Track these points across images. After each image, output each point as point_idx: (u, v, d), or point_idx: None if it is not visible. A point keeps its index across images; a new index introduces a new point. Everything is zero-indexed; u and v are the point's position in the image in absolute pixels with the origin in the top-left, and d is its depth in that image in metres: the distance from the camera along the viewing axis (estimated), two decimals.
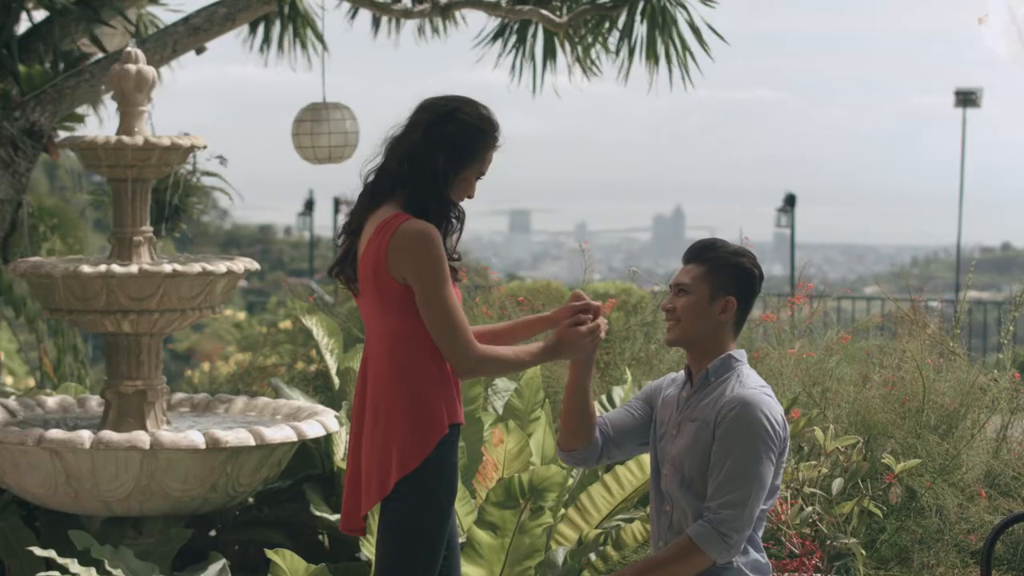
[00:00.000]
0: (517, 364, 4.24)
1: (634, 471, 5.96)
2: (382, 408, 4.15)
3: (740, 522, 3.97)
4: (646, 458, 5.98)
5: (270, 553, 5.38)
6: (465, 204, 4.32)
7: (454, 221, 4.26)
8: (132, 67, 6.14)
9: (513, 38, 9.43)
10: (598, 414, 4.40)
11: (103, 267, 5.92)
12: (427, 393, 4.12)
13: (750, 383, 4.12)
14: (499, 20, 9.32)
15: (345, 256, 4.30)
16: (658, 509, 4.24)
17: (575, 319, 4.26)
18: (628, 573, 4.08)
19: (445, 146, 4.16)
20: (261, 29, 9.94)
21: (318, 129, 9.17)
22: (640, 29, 9.07)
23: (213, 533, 6.39)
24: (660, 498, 4.23)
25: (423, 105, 4.25)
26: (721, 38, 9.01)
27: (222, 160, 7.80)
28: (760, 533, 4.14)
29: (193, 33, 7.97)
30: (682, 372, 4.28)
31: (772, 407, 4.07)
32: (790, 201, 24.40)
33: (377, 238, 4.13)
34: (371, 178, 4.26)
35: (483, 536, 5.49)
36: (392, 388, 4.13)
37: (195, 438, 5.69)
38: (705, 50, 9.02)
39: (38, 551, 5.09)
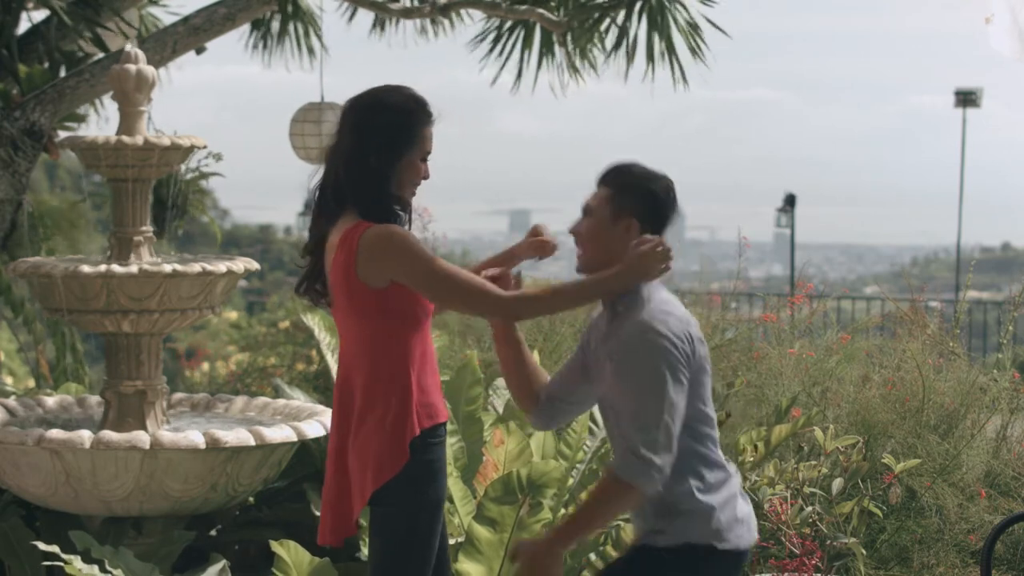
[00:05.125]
0: (569, 300, 4.09)
1: None
2: (364, 415, 4.14)
3: (658, 446, 3.83)
4: None
5: (275, 545, 5.38)
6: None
7: (402, 214, 4.21)
8: (132, 67, 6.14)
9: (511, 37, 9.43)
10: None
11: (103, 267, 5.92)
12: (403, 398, 4.11)
13: (651, 306, 3.99)
14: (498, 19, 9.32)
15: (310, 274, 4.27)
16: None
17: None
18: (562, 525, 3.96)
19: (378, 139, 4.12)
20: (261, 29, 9.95)
21: (315, 130, 9.17)
22: (638, 28, 9.07)
23: (213, 533, 6.39)
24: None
25: (347, 107, 4.22)
26: (722, 31, 9.00)
27: (218, 157, 7.81)
28: (714, 449, 4.01)
29: (193, 33, 7.97)
30: None
31: (669, 324, 3.94)
32: (790, 201, 24.42)
33: (343, 250, 4.11)
34: (317, 194, 4.23)
35: (482, 532, 5.49)
36: (372, 395, 4.12)
37: (195, 438, 5.69)
38: (702, 49, 9.01)
39: (42, 546, 5.09)
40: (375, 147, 4.12)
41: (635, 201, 4.10)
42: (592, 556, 5.75)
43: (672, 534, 3.98)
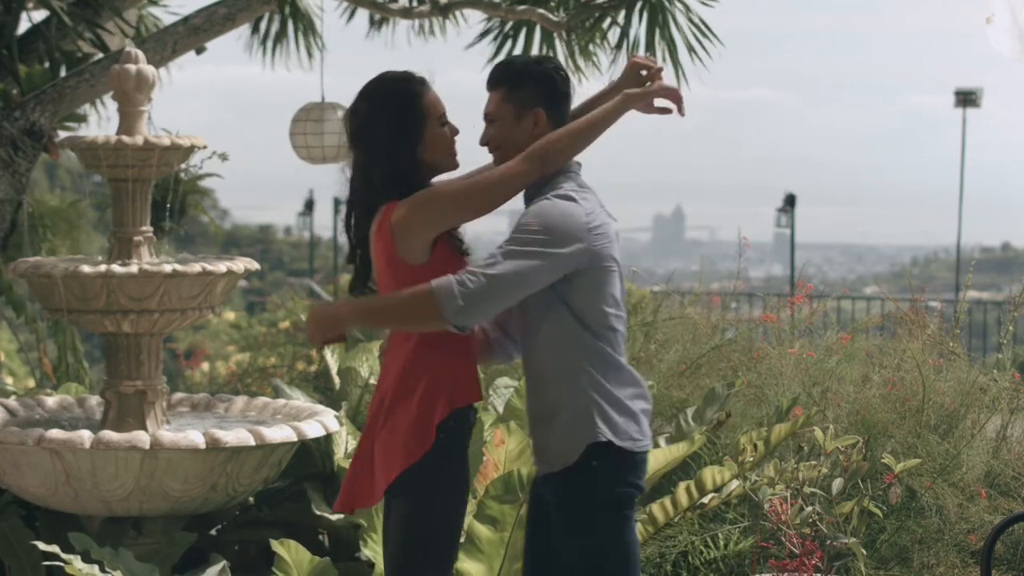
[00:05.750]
0: (586, 131, 4.11)
1: None
2: (396, 399, 4.15)
3: (480, 286, 3.89)
4: (649, 456, 5.97)
5: (275, 544, 5.38)
6: None
7: None
8: (132, 67, 6.14)
9: (512, 38, 9.43)
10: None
11: (103, 267, 5.92)
12: (434, 382, 4.11)
13: (553, 193, 4.04)
14: (498, 20, 9.32)
15: (360, 273, 4.29)
16: None
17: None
18: (363, 302, 4.07)
19: (387, 137, 4.11)
20: (261, 29, 9.95)
21: (316, 129, 9.17)
22: (639, 28, 9.07)
23: (213, 533, 6.39)
24: None
25: (345, 118, 4.22)
26: (716, 38, 9.01)
27: (223, 157, 7.81)
28: (610, 351, 4.07)
29: (193, 33, 7.97)
30: None
31: (558, 207, 4.00)
32: (790, 201, 24.40)
33: (381, 237, 4.12)
34: (348, 210, 4.24)
35: (483, 531, 5.49)
36: (405, 378, 4.13)
37: (195, 438, 5.69)
38: (704, 48, 9.02)
39: (42, 545, 5.09)
40: (388, 146, 4.11)
41: (532, 89, 4.11)
42: None
43: (570, 445, 4.03)
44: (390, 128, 4.11)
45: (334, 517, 6.13)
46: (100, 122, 9.68)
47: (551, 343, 4.06)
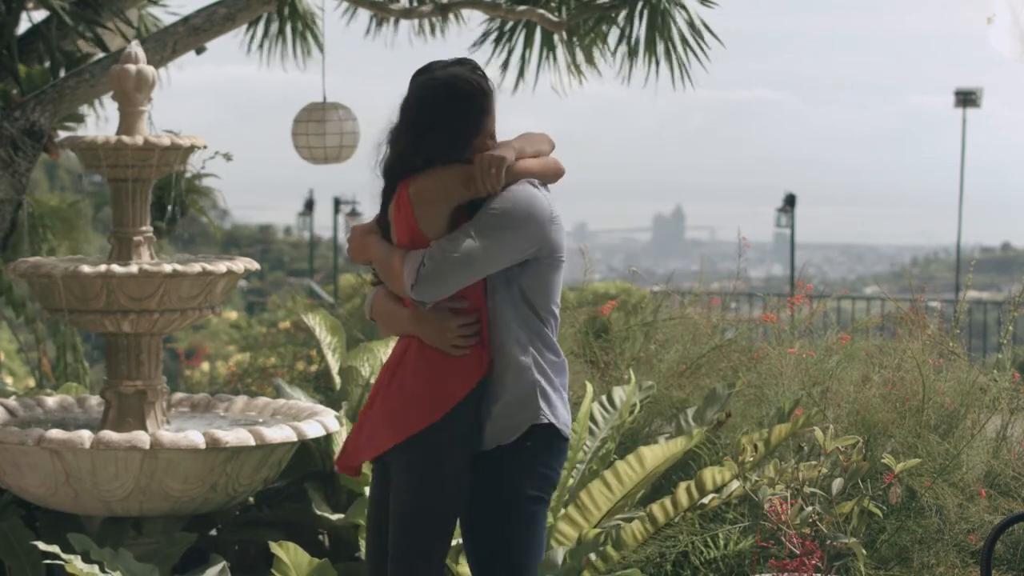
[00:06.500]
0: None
1: (635, 467, 5.96)
2: (416, 358, 4.17)
3: (437, 266, 4.05)
4: (647, 452, 5.98)
5: (274, 546, 5.38)
6: None
7: None
8: (132, 67, 6.14)
9: (513, 38, 9.43)
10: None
11: (103, 267, 5.93)
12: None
13: (521, 183, 4.19)
14: (498, 20, 9.33)
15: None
16: None
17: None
18: (365, 242, 4.26)
19: (439, 141, 4.14)
20: (261, 29, 9.95)
21: (318, 129, 9.18)
22: (639, 29, 9.07)
23: (213, 533, 6.39)
24: None
25: (405, 100, 4.22)
26: (716, 38, 9.01)
27: (227, 157, 7.80)
28: (551, 336, 4.22)
29: (193, 33, 7.97)
30: None
31: (526, 194, 4.14)
32: (790, 201, 24.42)
33: (400, 211, 4.16)
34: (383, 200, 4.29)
35: None
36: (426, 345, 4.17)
37: (195, 438, 5.69)
38: (702, 49, 9.02)
39: (42, 546, 5.09)
40: (436, 148, 4.15)
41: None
42: (592, 556, 5.75)
43: (512, 424, 4.13)
44: (447, 135, 4.15)
45: (334, 517, 6.13)
46: (100, 122, 9.69)
47: (504, 319, 4.17)
